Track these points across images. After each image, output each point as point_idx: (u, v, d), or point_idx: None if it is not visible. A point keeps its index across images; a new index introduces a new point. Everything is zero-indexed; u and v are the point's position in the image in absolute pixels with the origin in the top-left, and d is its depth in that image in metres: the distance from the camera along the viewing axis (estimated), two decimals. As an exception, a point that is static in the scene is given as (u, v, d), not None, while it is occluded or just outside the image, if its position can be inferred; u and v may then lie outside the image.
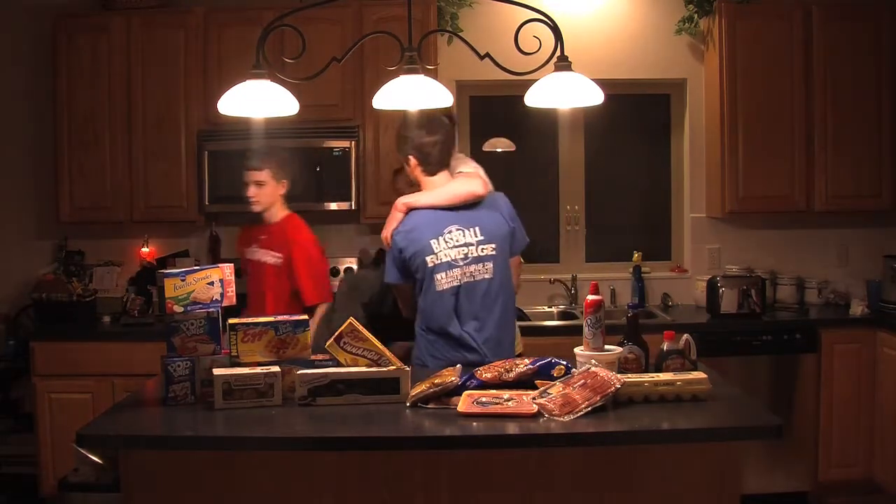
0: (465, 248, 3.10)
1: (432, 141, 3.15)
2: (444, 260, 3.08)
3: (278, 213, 3.91)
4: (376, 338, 2.68)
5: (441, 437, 2.42)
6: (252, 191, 3.82)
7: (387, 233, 3.15)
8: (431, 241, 3.08)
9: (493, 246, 3.13)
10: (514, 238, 3.22)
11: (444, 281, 3.08)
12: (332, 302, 3.89)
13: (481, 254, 3.11)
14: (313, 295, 3.83)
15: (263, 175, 3.81)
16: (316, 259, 3.90)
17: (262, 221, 3.93)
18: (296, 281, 3.82)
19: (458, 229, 3.10)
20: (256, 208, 3.86)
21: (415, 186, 3.26)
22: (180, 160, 4.54)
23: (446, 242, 3.09)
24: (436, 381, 2.66)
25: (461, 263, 3.09)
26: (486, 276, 3.12)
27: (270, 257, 3.84)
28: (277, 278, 3.83)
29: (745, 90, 4.55)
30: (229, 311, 2.88)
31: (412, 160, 3.18)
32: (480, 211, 3.17)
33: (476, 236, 3.12)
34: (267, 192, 3.83)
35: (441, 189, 3.17)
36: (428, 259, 3.07)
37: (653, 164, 5.15)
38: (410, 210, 3.14)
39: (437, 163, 3.19)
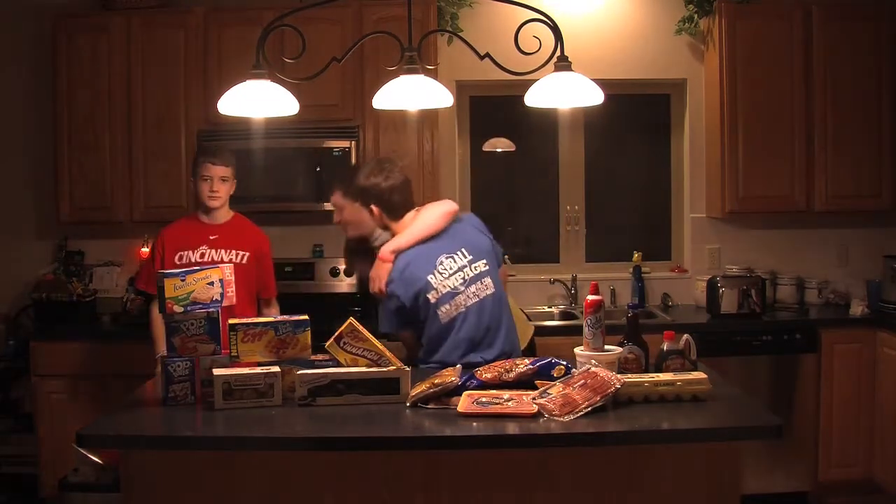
0: (460, 273, 3.09)
1: (390, 186, 3.14)
2: (445, 291, 3.06)
3: (228, 211, 3.83)
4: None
5: (441, 437, 2.42)
6: (216, 185, 3.69)
7: (381, 285, 3.09)
8: (428, 278, 3.06)
9: (485, 261, 3.14)
10: (495, 250, 3.25)
11: (447, 311, 3.06)
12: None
13: (476, 272, 3.12)
14: (274, 288, 3.91)
15: (229, 171, 3.74)
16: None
17: (203, 220, 3.76)
18: (263, 275, 3.84)
19: (447, 257, 3.10)
20: (216, 204, 3.72)
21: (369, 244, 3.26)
22: (180, 160, 4.54)
23: (441, 274, 3.07)
24: (436, 381, 2.66)
25: (462, 288, 3.08)
26: (489, 292, 3.12)
27: (234, 255, 3.74)
28: (246, 276, 3.71)
29: (745, 90, 4.55)
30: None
31: (375, 210, 3.16)
32: (459, 233, 3.18)
33: (465, 257, 3.12)
34: (227, 189, 3.74)
35: (416, 223, 3.15)
36: (430, 296, 3.05)
37: (653, 164, 5.15)
38: (396, 255, 3.11)
39: (401, 206, 3.18)
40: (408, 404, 2.61)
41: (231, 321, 2.76)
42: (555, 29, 2.70)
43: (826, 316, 4.53)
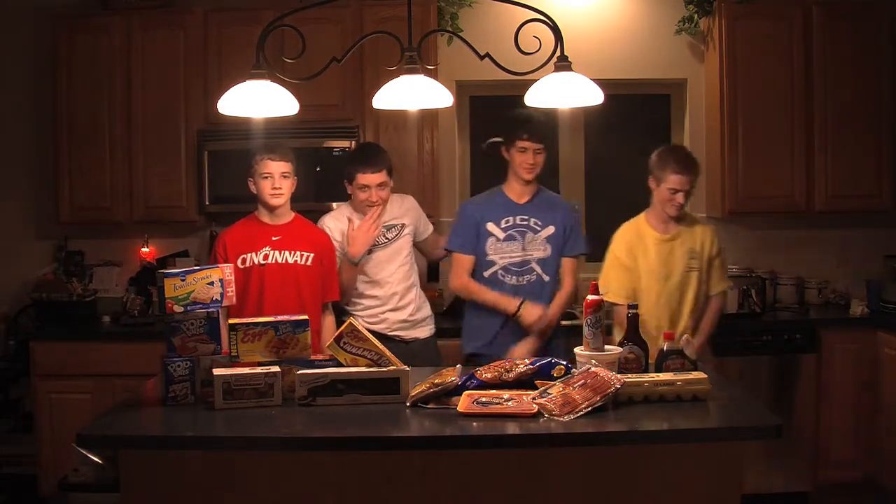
0: None
1: None
2: None
3: (289, 211, 3.59)
4: None
5: (441, 437, 2.43)
6: (279, 182, 3.45)
7: None
8: None
9: None
10: None
11: None
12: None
13: None
14: (337, 291, 3.66)
15: (290, 167, 3.49)
16: None
17: (263, 221, 3.54)
18: (328, 277, 3.61)
19: None
20: (279, 201, 3.48)
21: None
22: (180, 160, 4.54)
23: None
24: (436, 381, 2.66)
25: None
26: None
27: (299, 257, 3.52)
28: (311, 278, 3.54)
29: (745, 90, 4.54)
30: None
31: None
32: None
33: None
34: (290, 186, 3.50)
35: None
36: None
37: (653, 164, 5.14)
38: None
39: None
40: (408, 404, 2.61)
41: (231, 321, 2.76)
42: (555, 29, 2.70)
43: (826, 316, 4.53)
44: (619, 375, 2.60)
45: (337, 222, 3.73)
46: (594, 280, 3.06)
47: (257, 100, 2.72)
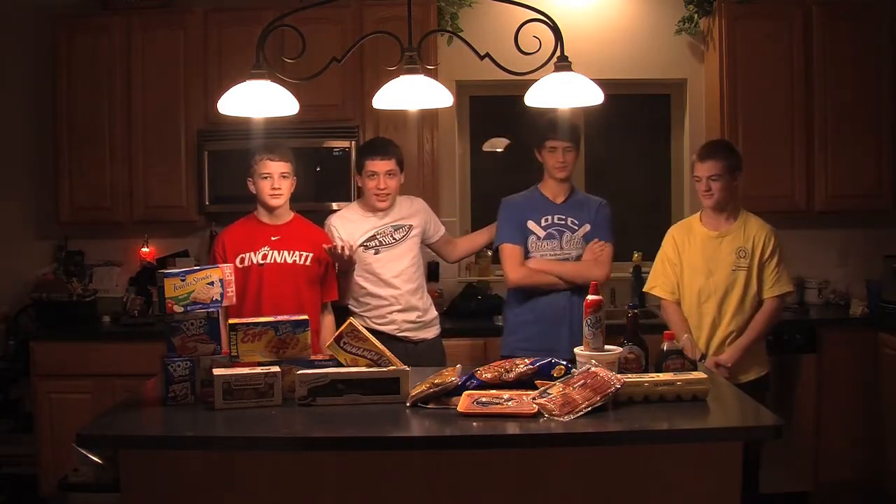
0: None
1: None
2: None
3: (288, 211, 3.59)
4: None
5: (441, 437, 2.43)
6: (278, 182, 3.45)
7: None
8: None
9: None
10: None
11: None
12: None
13: None
14: (336, 291, 3.64)
15: (289, 167, 3.49)
16: None
17: (262, 220, 3.54)
18: (327, 278, 3.60)
19: None
20: (278, 202, 3.48)
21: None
22: (180, 160, 4.54)
23: None
24: (436, 381, 2.66)
25: None
26: None
27: (298, 257, 3.51)
28: (310, 277, 3.54)
29: (745, 90, 4.54)
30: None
31: None
32: None
33: None
34: (289, 186, 3.50)
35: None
36: None
37: (653, 164, 5.15)
38: None
39: None
40: (408, 404, 2.61)
41: (231, 321, 2.76)
42: (555, 29, 2.70)
43: (826, 316, 4.53)
44: (619, 375, 2.59)
45: (343, 221, 3.73)
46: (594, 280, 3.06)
47: (257, 100, 2.72)
